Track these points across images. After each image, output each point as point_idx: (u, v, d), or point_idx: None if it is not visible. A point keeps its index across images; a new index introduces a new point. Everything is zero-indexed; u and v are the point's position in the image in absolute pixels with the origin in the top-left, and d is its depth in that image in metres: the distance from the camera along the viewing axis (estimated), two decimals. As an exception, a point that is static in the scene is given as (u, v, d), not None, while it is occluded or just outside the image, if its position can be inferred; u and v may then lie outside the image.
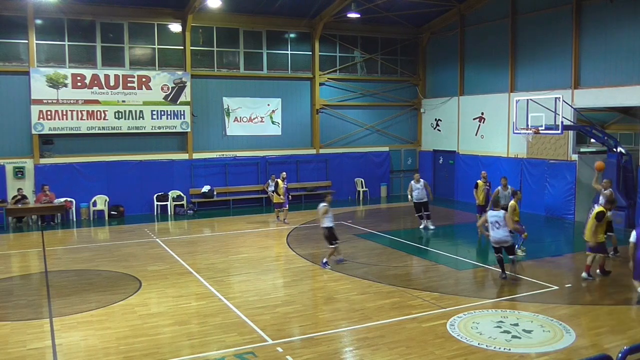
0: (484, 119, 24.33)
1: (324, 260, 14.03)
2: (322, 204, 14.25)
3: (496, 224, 12.51)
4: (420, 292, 11.80)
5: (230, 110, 24.48)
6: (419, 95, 28.07)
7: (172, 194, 23.06)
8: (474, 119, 24.75)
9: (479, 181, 18.49)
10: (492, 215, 12.67)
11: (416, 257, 15.37)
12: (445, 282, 12.87)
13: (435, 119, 27.26)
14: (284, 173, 20.86)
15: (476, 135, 24.69)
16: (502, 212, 12.71)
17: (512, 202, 14.34)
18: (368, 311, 10.68)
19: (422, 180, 19.08)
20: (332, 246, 13.96)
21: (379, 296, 11.63)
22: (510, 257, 12.85)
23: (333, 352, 8.93)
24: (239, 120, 24.66)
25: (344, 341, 9.49)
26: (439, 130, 27.09)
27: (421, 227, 18.94)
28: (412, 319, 10.14)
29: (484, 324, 9.86)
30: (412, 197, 18.94)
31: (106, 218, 21.75)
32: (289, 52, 25.59)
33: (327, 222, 14.06)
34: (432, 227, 18.84)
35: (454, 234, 19.47)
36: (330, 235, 14.02)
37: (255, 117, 24.93)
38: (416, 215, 19.15)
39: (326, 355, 8.73)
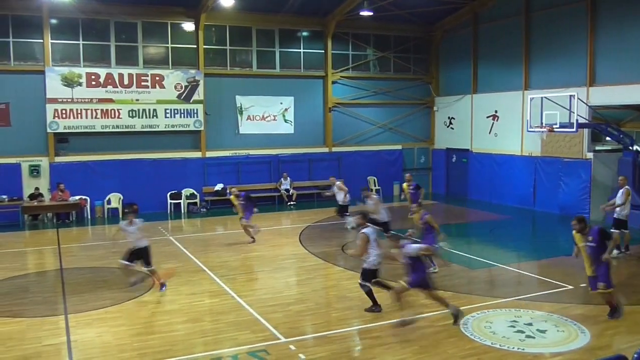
0: (498, 117, 24.18)
1: None
2: (371, 201, 14.98)
3: None
4: (434, 291, 11.73)
5: (243, 109, 24.55)
6: (431, 93, 27.97)
7: (185, 192, 23.18)
8: (488, 117, 24.62)
9: (404, 184, 18.87)
10: None
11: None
12: (458, 281, 12.82)
13: (449, 117, 27.15)
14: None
15: (490, 133, 24.56)
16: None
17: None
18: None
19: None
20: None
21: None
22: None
23: (345, 351, 8.94)
24: (251, 118, 24.72)
25: (357, 340, 9.50)
26: (452, 129, 26.97)
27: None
28: (425, 318, 10.12)
29: (498, 324, 9.81)
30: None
31: (120, 216, 21.88)
32: (301, 50, 25.60)
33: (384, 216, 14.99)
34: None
35: (467, 233, 19.40)
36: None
37: (267, 116, 24.97)
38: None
39: (339, 354, 8.73)
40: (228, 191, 19.80)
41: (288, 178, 21.04)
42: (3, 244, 17.29)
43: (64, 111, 21.45)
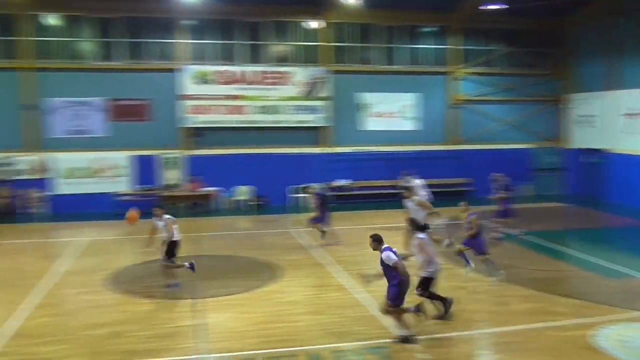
0: None
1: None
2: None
3: None
4: (562, 299, 11.14)
5: (365, 105, 24.66)
6: (563, 89, 26.43)
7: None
8: (628, 115, 22.78)
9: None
10: None
11: (561, 261, 14.54)
12: (590, 289, 12.03)
13: (582, 115, 25.50)
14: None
15: (630, 132, 22.71)
16: None
17: None
18: (506, 315, 10.30)
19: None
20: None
21: (518, 300, 11.16)
22: None
23: (467, 354, 8.74)
24: (374, 115, 24.77)
25: (480, 343, 9.25)
26: (588, 127, 25.27)
27: None
28: (551, 327, 9.62)
29: (637, 338, 9.09)
30: None
31: (248, 208, 22.84)
32: (425, 46, 25.24)
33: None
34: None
35: (604, 238, 18.15)
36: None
37: (390, 112, 24.90)
38: None
39: (460, 356, 8.56)
40: (308, 190, 19.81)
41: (410, 176, 20.61)
42: (140, 231, 18.59)
43: (196, 107, 22.76)
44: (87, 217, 20.52)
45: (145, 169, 22.58)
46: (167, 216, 12.32)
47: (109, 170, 22.45)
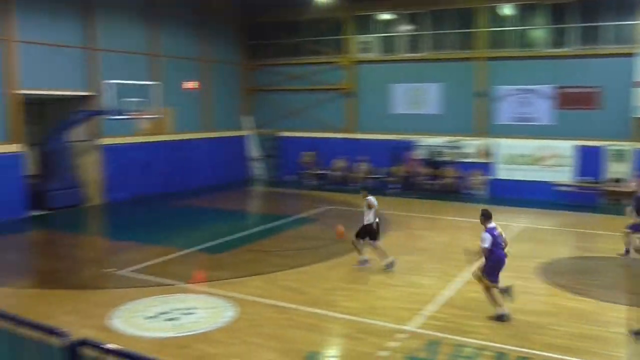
0: None
1: None
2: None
3: None
4: None
5: None
6: None
7: None
8: None
9: None
10: None
11: None
12: None
13: None
14: None
15: None
16: None
17: None
18: None
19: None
20: None
21: None
22: None
23: None
24: None
25: None
26: None
27: None
28: None
29: None
30: None
31: None
32: None
33: None
34: None
35: None
36: None
37: None
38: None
39: None
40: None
41: None
42: (577, 224, 17.80)
43: (653, 95, 20.22)
44: (523, 204, 20.67)
45: (589, 160, 21.32)
46: (370, 197, 12.56)
47: (551, 159, 22.04)
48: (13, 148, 18.14)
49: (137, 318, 9.65)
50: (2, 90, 17.90)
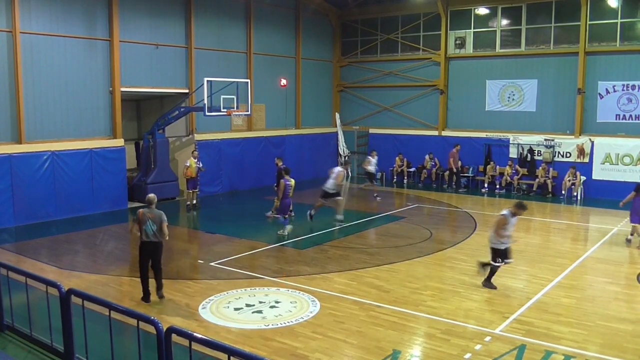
0: None
1: None
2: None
3: None
4: None
5: None
6: None
7: None
8: None
9: None
10: None
11: None
12: None
13: None
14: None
15: None
16: None
17: None
18: None
19: None
20: None
21: None
22: None
23: None
24: None
25: None
26: None
27: None
28: None
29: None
30: None
31: None
32: None
33: None
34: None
35: None
36: None
37: None
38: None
39: None
40: None
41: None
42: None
43: None
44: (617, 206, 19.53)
45: None
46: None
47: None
48: (118, 143, 19.28)
49: (225, 309, 10.01)
50: (108, 88, 19.04)
